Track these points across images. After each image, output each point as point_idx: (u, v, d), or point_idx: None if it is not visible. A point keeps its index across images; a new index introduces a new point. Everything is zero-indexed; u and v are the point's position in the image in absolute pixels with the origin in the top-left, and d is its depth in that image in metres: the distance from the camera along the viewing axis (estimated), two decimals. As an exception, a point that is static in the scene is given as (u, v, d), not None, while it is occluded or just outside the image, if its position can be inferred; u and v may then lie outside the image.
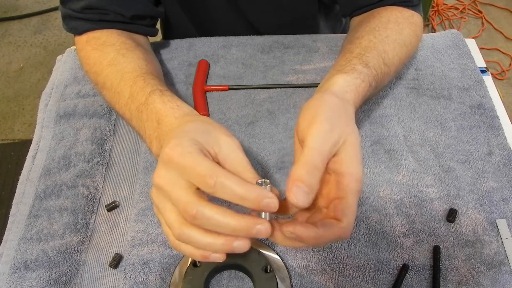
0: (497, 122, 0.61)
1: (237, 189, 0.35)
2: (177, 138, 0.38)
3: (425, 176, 0.57)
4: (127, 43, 0.59)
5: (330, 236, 0.38)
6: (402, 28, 0.59)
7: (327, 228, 0.38)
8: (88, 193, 0.56)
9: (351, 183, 0.39)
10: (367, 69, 0.50)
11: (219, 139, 0.40)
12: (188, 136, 0.38)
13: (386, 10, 0.61)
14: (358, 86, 0.48)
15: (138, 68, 0.54)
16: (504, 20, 2.12)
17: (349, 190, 0.39)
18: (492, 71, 1.88)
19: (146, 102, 0.49)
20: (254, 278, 0.47)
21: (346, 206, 0.39)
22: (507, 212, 0.53)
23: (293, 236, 0.37)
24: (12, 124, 1.76)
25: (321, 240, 0.38)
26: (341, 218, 0.38)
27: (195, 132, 0.39)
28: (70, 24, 0.62)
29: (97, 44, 0.59)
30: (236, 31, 0.75)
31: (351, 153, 0.40)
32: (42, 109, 0.66)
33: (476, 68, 0.68)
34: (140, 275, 0.49)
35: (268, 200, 0.35)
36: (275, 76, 0.68)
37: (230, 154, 0.39)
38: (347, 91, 0.47)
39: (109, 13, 0.60)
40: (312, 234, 0.37)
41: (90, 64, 0.59)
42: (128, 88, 0.52)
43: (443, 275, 0.49)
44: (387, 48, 0.55)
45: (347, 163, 0.40)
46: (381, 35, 0.56)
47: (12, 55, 2.03)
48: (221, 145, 0.39)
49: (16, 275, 0.49)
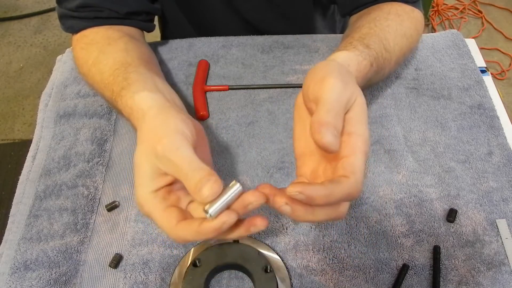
0: (497, 122, 0.61)
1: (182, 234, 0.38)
2: (136, 181, 0.40)
3: (425, 176, 0.57)
4: (110, 38, 0.58)
5: (340, 193, 0.36)
6: (402, 20, 0.59)
7: (336, 184, 0.36)
8: (88, 193, 0.56)
9: (359, 142, 0.38)
10: (368, 50, 0.50)
11: (165, 155, 0.39)
12: (143, 177, 0.40)
13: (386, 5, 0.61)
14: (359, 62, 0.48)
15: (117, 62, 0.53)
16: (504, 20, 2.12)
17: (358, 149, 0.38)
18: (492, 71, 1.88)
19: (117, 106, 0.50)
20: (254, 278, 0.47)
21: (354, 164, 0.37)
22: (507, 212, 0.53)
23: (302, 196, 0.35)
24: (12, 124, 1.76)
25: (332, 199, 0.36)
26: (350, 175, 0.37)
27: (144, 164, 0.40)
28: (66, 23, 0.62)
29: (84, 43, 0.60)
30: (233, 29, 0.75)
31: (360, 113, 0.39)
32: (42, 109, 0.66)
33: (476, 68, 0.68)
34: (140, 275, 0.49)
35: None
36: (275, 76, 0.68)
37: (177, 167, 0.38)
38: (350, 65, 0.47)
39: (104, 10, 0.60)
40: (322, 191, 0.35)
41: (80, 65, 0.60)
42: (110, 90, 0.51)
43: (443, 275, 0.49)
44: (388, 36, 0.55)
45: (356, 123, 0.39)
46: (382, 24, 0.56)
47: (12, 55, 2.03)
48: (168, 161, 0.38)
49: (16, 275, 0.49)
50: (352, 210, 0.54)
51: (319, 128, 0.36)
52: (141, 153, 0.40)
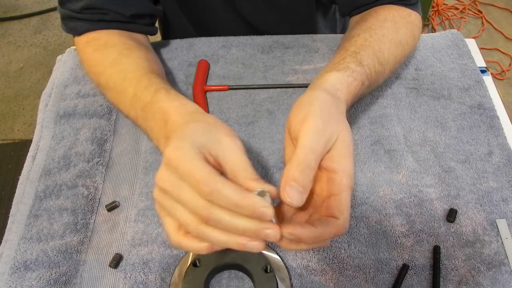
0: (497, 122, 0.61)
1: (233, 197, 0.35)
2: (177, 141, 0.38)
3: (425, 176, 0.57)
4: (128, 43, 0.59)
5: (328, 234, 0.38)
6: (398, 27, 0.59)
7: (325, 226, 0.38)
8: (88, 193, 0.56)
9: (344, 179, 0.39)
10: (360, 68, 0.50)
11: (220, 139, 0.39)
12: (189, 139, 0.38)
13: (383, 9, 0.61)
14: (350, 84, 0.48)
15: (140, 68, 0.54)
16: (504, 20, 2.12)
17: (343, 187, 0.39)
18: (492, 71, 1.88)
19: (151, 101, 0.48)
20: (254, 278, 0.47)
21: (341, 203, 0.39)
22: (507, 212, 0.53)
23: (292, 237, 0.38)
24: (12, 124, 1.76)
25: (321, 239, 0.38)
26: (338, 216, 0.39)
27: (196, 133, 0.39)
28: (69, 24, 0.62)
29: (98, 45, 0.59)
30: (235, 30, 0.75)
31: (343, 150, 0.41)
32: (42, 109, 0.66)
33: (476, 68, 0.68)
34: (140, 275, 0.49)
35: (263, 209, 0.35)
36: (275, 76, 0.68)
37: (230, 156, 0.39)
38: (339, 89, 0.47)
39: (109, 12, 0.60)
40: (311, 233, 0.38)
41: (92, 65, 0.59)
42: (132, 88, 0.52)
43: (443, 275, 0.49)
44: (383, 47, 0.55)
45: (339, 160, 0.40)
46: (377, 33, 0.56)
47: (12, 55, 2.03)
48: (222, 146, 0.39)
49: (16, 275, 0.49)
50: (352, 210, 0.54)
51: (284, 186, 0.38)
52: (189, 142, 0.38)
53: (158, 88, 0.49)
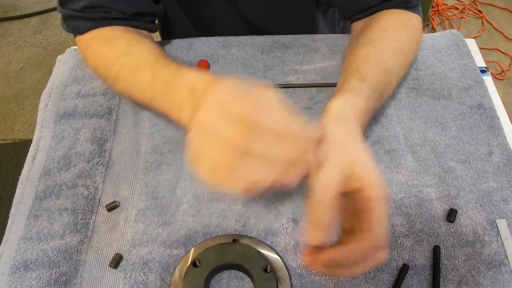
0: (497, 122, 0.61)
1: (276, 125, 0.36)
2: (218, 85, 0.40)
3: (425, 176, 0.57)
4: (135, 36, 0.60)
5: (363, 248, 0.39)
6: (400, 34, 0.59)
7: (357, 240, 0.39)
8: (88, 193, 0.56)
9: (372, 193, 0.40)
10: (363, 84, 0.51)
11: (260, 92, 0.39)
12: (229, 82, 0.40)
13: (385, 16, 0.61)
14: (356, 105, 0.48)
15: (153, 55, 0.55)
16: (504, 20, 2.12)
17: (372, 200, 0.39)
18: (492, 71, 1.88)
19: (175, 76, 0.49)
20: (254, 278, 0.47)
21: (372, 215, 0.39)
22: (507, 212, 0.53)
23: (327, 262, 0.39)
24: (12, 124, 1.76)
25: (356, 256, 0.39)
26: (370, 228, 0.39)
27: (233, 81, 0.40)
28: (71, 24, 0.62)
29: (104, 39, 0.60)
30: (235, 30, 0.75)
31: (363, 167, 0.41)
32: (42, 109, 0.66)
33: (476, 68, 0.68)
34: (140, 275, 0.49)
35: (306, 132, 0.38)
36: (275, 76, 0.68)
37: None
38: (346, 111, 0.47)
39: (111, 11, 0.60)
40: (343, 252, 0.38)
41: (99, 60, 0.59)
42: (149, 73, 0.52)
43: (443, 275, 0.49)
44: (386, 57, 0.55)
45: (361, 177, 0.40)
46: (379, 44, 0.56)
47: (12, 55, 2.03)
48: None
49: (16, 275, 0.49)
50: (352, 210, 0.54)
51: (307, 231, 0.39)
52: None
53: (179, 66, 0.50)
